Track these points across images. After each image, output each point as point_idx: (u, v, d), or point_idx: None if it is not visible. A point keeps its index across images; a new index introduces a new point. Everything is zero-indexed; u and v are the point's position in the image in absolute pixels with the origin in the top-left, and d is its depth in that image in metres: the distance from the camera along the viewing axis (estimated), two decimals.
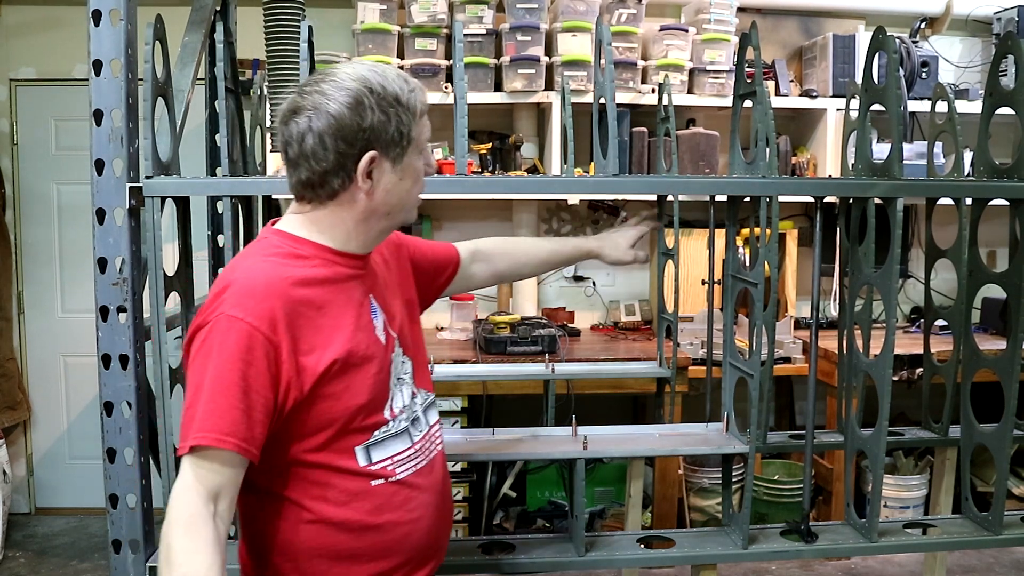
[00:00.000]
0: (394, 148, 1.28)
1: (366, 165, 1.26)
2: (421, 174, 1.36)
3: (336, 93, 1.24)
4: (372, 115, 1.24)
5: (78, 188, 3.77)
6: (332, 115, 1.23)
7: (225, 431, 1.17)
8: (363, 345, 1.31)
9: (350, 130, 1.24)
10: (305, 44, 2.02)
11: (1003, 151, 3.59)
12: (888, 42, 1.86)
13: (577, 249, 1.97)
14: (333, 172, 1.26)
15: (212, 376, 1.18)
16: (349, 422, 1.30)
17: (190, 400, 1.19)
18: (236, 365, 1.18)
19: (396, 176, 1.30)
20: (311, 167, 1.26)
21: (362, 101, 1.24)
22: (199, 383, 1.19)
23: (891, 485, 3.63)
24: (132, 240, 1.73)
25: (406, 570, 1.38)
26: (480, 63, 3.49)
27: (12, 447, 3.91)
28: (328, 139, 1.24)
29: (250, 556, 1.37)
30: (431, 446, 1.44)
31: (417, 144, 1.32)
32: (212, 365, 1.18)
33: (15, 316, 3.95)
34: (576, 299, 4.12)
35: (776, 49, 3.96)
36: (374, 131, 1.25)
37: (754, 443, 1.94)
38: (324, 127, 1.23)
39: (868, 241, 1.89)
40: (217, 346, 1.19)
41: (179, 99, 2.30)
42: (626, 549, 1.96)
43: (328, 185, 1.28)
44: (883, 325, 1.87)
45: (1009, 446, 2.01)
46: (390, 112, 1.26)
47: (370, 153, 1.26)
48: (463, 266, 1.75)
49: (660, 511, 3.46)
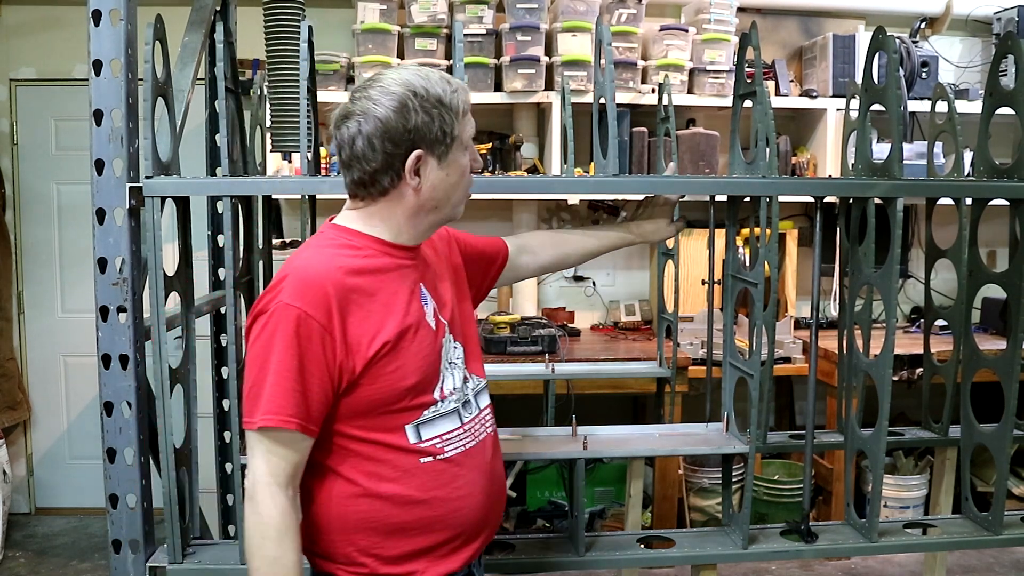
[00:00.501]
0: (439, 146, 1.37)
1: (412, 163, 1.36)
2: (467, 170, 1.44)
3: (382, 98, 1.33)
4: (416, 117, 1.33)
5: (78, 188, 3.77)
6: (379, 119, 1.33)
7: (289, 412, 1.29)
8: (412, 329, 1.39)
9: (396, 132, 1.33)
10: (305, 44, 2.02)
11: (1003, 151, 3.58)
12: (888, 42, 1.86)
13: (621, 240, 1.96)
14: (382, 171, 1.36)
15: (273, 361, 1.29)
16: (398, 401, 1.38)
17: (253, 381, 1.31)
18: (294, 351, 1.29)
19: (442, 172, 1.39)
20: (362, 167, 1.36)
21: (406, 104, 1.33)
22: (262, 367, 1.30)
23: (891, 485, 3.63)
24: (132, 240, 1.72)
25: (455, 544, 1.43)
26: (480, 63, 3.49)
27: (12, 447, 3.91)
28: (376, 141, 1.33)
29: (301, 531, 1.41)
30: (481, 428, 1.50)
31: (461, 141, 1.40)
32: (272, 351, 1.30)
33: (15, 316, 3.95)
34: (576, 299, 4.12)
35: (776, 49, 3.96)
36: (419, 131, 1.34)
37: (754, 443, 1.94)
38: (372, 130, 1.33)
39: (868, 241, 1.89)
40: (276, 333, 1.30)
41: (179, 99, 2.30)
42: (626, 549, 1.96)
43: (379, 183, 1.37)
44: (883, 325, 1.87)
45: (1009, 446, 2.01)
46: (433, 113, 1.35)
47: (416, 152, 1.35)
48: (512, 257, 1.81)
49: (660, 511, 3.46)
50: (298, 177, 2.85)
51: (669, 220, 1.96)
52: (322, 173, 3.17)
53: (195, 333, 1.87)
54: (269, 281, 2.16)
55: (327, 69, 3.45)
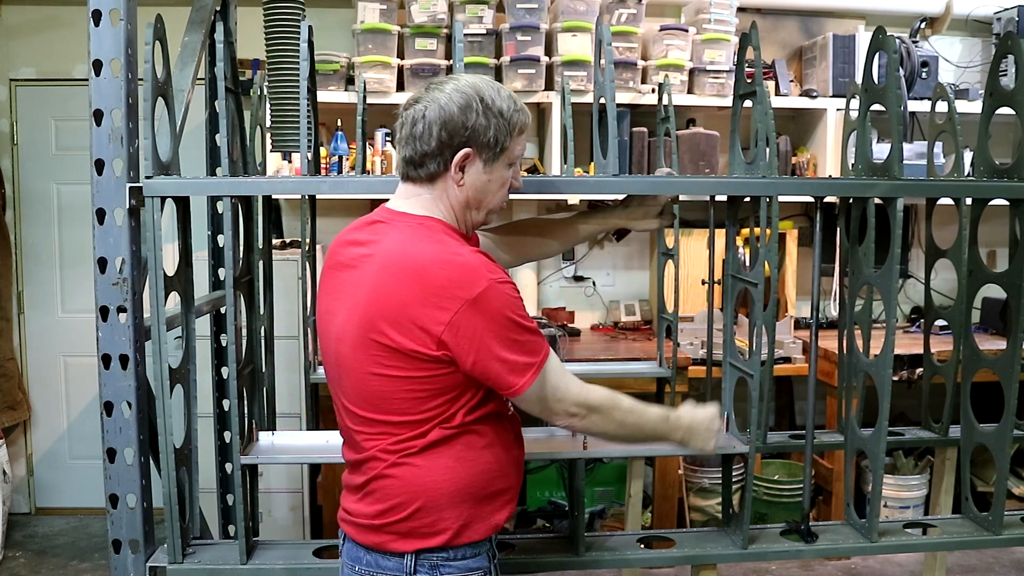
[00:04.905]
0: (488, 151, 1.47)
1: (460, 159, 1.45)
2: (507, 184, 1.54)
3: (453, 94, 1.44)
4: (476, 118, 1.44)
5: (78, 188, 3.77)
6: (443, 108, 1.43)
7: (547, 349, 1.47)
8: None
9: (455, 125, 1.43)
10: (305, 44, 2.03)
11: (1003, 151, 3.59)
12: (888, 42, 1.86)
13: (604, 222, 1.95)
14: (431, 157, 1.45)
15: (517, 319, 1.42)
16: None
17: (507, 335, 1.39)
18: (524, 309, 1.44)
19: (485, 176, 1.49)
20: (415, 147, 1.46)
21: (471, 105, 1.44)
22: (506, 324, 1.40)
23: (891, 485, 3.63)
24: (132, 240, 1.72)
25: (512, 494, 1.55)
26: (480, 63, 3.49)
27: (12, 447, 3.91)
28: (435, 128, 1.43)
29: (405, 497, 1.44)
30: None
31: (509, 155, 1.50)
32: (513, 312, 1.41)
33: (15, 316, 3.95)
34: (576, 299, 4.12)
35: (776, 49, 3.96)
36: (475, 132, 1.44)
37: (754, 443, 1.94)
38: (434, 117, 1.43)
39: (868, 241, 1.89)
40: (509, 303, 1.41)
41: (179, 99, 2.30)
42: (626, 549, 1.96)
43: (426, 167, 1.46)
44: (883, 325, 1.87)
45: (1009, 446, 2.01)
46: (492, 120, 1.45)
47: (466, 150, 1.45)
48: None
49: (660, 511, 3.46)
50: (298, 177, 2.85)
51: (659, 212, 1.93)
52: (322, 173, 3.17)
53: (195, 333, 1.87)
54: (269, 281, 2.17)
55: (327, 69, 3.45)
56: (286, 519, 3.41)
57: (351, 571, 1.50)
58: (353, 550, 1.50)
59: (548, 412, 1.49)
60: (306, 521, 3.41)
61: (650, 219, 1.91)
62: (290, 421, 3.23)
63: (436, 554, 1.45)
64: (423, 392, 1.41)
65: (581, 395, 1.50)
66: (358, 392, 1.45)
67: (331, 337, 1.49)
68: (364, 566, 1.48)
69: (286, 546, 1.94)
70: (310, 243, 2.49)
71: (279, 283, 2.30)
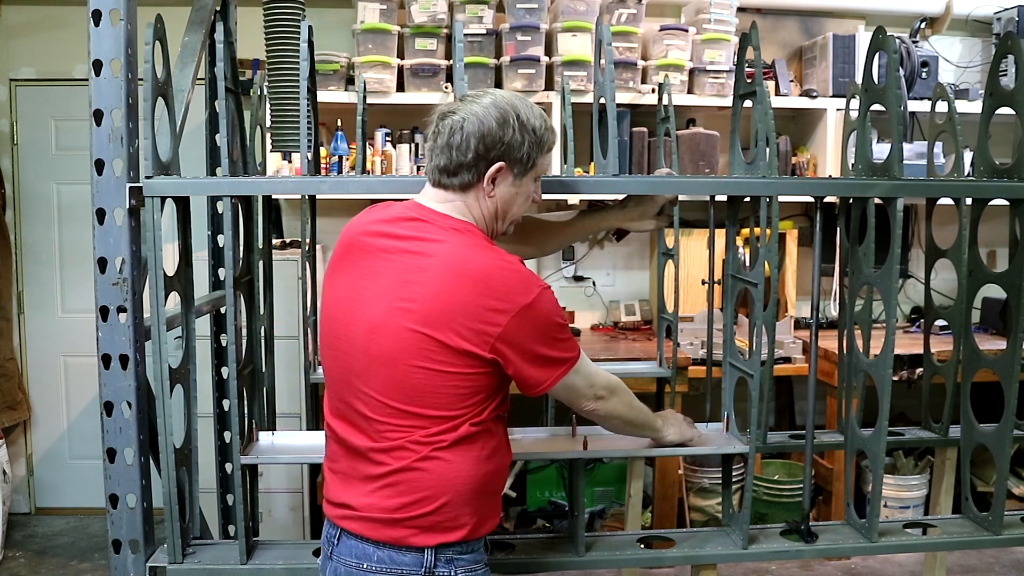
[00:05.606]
0: (519, 166, 1.53)
1: (494, 172, 1.50)
2: (530, 197, 1.60)
3: (491, 108, 1.49)
4: (512, 134, 1.49)
5: (78, 188, 3.77)
6: (482, 121, 1.48)
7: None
8: None
9: (492, 138, 1.48)
10: (305, 44, 2.03)
11: (1003, 151, 3.58)
12: (888, 42, 1.86)
13: (601, 222, 1.98)
14: (466, 168, 1.50)
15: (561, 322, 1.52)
16: None
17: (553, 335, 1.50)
18: (563, 312, 1.55)
19: (513, 189, 1.55)
20: (450, 156, 1.49)
21: (508, 120, 1.49)
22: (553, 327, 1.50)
23: (891, 485, 3.63)
24: (132, 240, 1.72)
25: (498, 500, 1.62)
26: (480, 63, 3.49)
27: (12, 447, 3.91)
28: (473, 140, 1.48)
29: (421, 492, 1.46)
30: None
31: (537, 171, 1.57)
32: (558, 316, 1.51)
33: (15, 316, 3.95)
34: (576, 299, 4.12)
35: (776, 49, 3.96)
36: (509, 147, 1.50)
37: (754, 443, 1.94)
38: (473, 129, 1.48)
39: (868, 241, 1.89)
40: (555, 308, 1.51)
41: (179, 99, 2.30)
42: (626, 549, 1.96)
43: (460, 176, 1.51)
44: (883, 325, 1.87)
45: (1009, 446, 2.01)
46: (526, 137, 1.51)
47: (500, 164, 1.50)
48: None
49: (660, 511, 3.46)
50: (298, 177, 2.85)
51: (657, 213, 1.93)
52: (322, 173, 3.17)
53: (195, 333, 1.87)
54: (269, 281, 2.17)
55: (327, 69, 3.45)
56: (286, 519, 3.41)
57: (352, 570, 1.47)
58: (358, 547, 1.48)
59: (579, 398, 1.62)
60: (306, 521, 3.41)
61: (647, 220, 1.92)
62: (290, 421, 3.23)
63: (453, 548, 1.47)
64: (465, 389, 1.45)
65: (605, 378, 1.64)
66: (394, 383, 1.44)
67: (359, 324, 1.48)
68: (375, 563, 1.46)
69: (286, 546, 1.94)
70: (310, 243, 2.50)
71: (279, 283, 2.30)
